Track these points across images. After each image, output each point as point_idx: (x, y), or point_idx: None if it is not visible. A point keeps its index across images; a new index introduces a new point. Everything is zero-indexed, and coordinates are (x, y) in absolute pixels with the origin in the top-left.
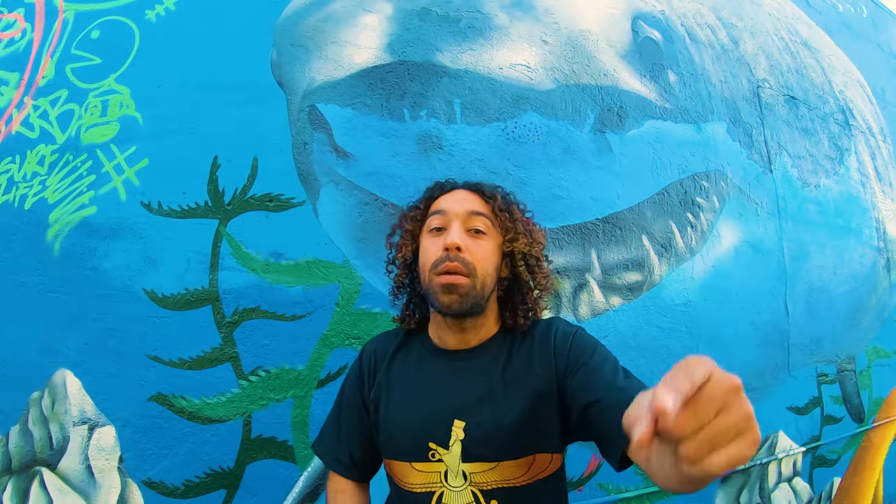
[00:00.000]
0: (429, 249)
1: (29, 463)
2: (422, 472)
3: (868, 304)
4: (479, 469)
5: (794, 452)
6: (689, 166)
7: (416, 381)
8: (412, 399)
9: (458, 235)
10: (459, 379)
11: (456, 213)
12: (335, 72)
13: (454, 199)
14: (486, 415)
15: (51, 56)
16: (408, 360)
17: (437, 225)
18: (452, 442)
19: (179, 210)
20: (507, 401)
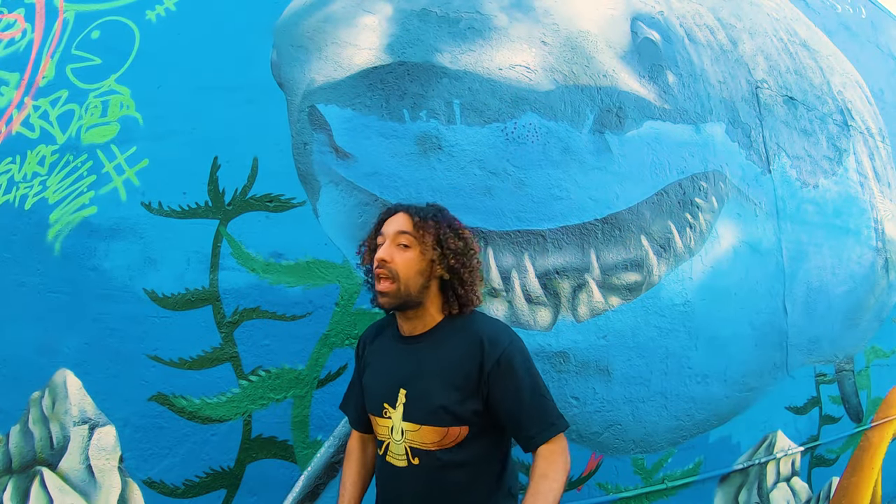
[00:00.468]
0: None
1: (29, 463)
2: (381, 426)
3: (866, 304)
4: (410, 428)
5: (792, 452)
6: (687, 167)
7: (383, 358)
8: (378, 370)
9: (385, 251)
10: (408, 358)
11: (388, 234)
12: (335, 72)
13: (390, 221)
14: (419, 388)
15: (51, 56)
16: (383, 342)
17: (380, 242)
18: (398, 404)
19: (180, 210)
20: (435, 380)
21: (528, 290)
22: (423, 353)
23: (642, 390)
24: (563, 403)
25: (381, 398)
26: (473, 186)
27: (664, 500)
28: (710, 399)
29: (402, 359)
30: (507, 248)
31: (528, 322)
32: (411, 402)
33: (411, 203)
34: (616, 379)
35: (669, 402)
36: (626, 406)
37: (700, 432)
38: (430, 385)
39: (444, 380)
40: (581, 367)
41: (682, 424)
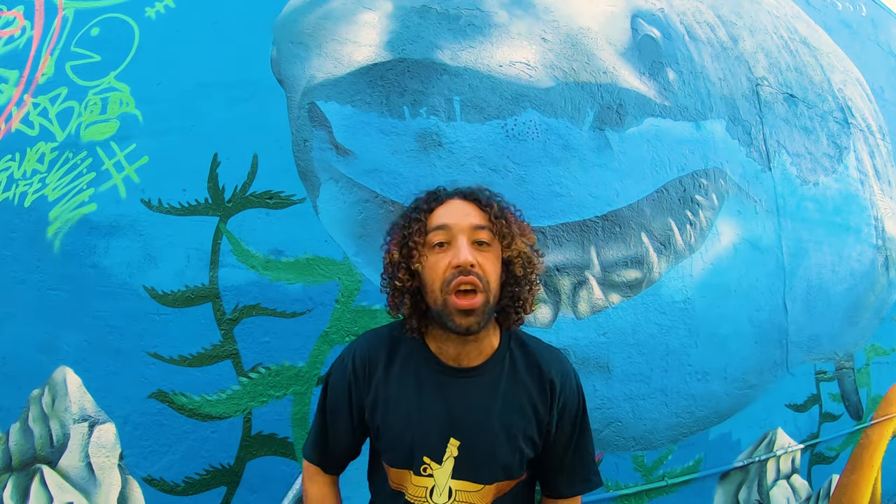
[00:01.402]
0: (436, 267)
1: (29, 460)
2: (414, 485)
3: (866, 301)
4: (467, 489)
5: (792, 450)
6: (688, 164)
7: (416, 393)
8: (413, 411)
9: (470, 252)
10: (459, 396)
11: (461, 228)
12: (335, 69)
13: (455, 211)
14: (480, 437)
15: (50, 53)
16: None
17: (440, 240)
18: (446, 458)
19: (179, 207)
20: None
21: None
22: (480, 392)
23: (642, 387)
24: None
25: (419, 450)
26: (473, 183)
27: (664, 497)
28: (710, 396)
29: (450, 398)
30: None
31: (528, 319)
32: (468, 457)
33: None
34: (616, 376)
35: (670, 399)
36: (627, 403)
37: (700, 429)
38: (496, 435)
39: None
40: (581, 363)
41: (682, 422)
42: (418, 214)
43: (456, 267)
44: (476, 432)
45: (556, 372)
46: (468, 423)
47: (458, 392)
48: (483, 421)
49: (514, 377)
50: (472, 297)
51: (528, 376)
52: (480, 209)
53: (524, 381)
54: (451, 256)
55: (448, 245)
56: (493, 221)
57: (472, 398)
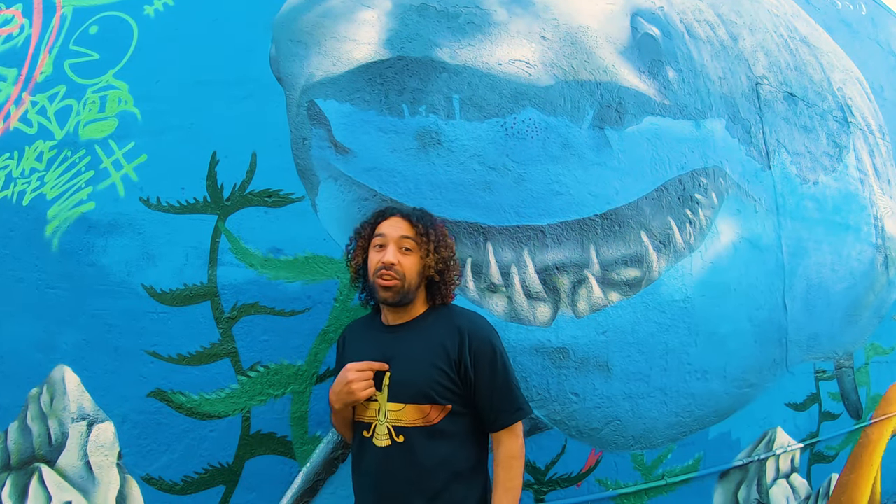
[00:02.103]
0: (372, 260)
1: (28, 459)
2: (368, 408)
3: (866, 301)
4: (395, 408)
5: (791, 449)
6: (687, 163)
7: (366, 346)
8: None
9: (393, 255)
10: (393, 344)
11: (391, 237)
12: (334, 67)
13: (391, 225)
14: (403, 370)
15: (49, 52)
16: (365, 333)
17: (379, 244)
18: (384, 385)
19: (178, 206)
20: (419, 362)
21: (528, 285)
22: (406, 339)
23: (642, 386)
24: (563, 399)
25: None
26: (473, 181)
27: (664, 496)
28: (709, 395)
29: (387, 345)
30: (506, 244)
31: (528, 317)
32: (396, 384)
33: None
34: (616, 375)
35: (669, 398)
36: (626, 402)
37: (700, 428)
38: (414, 367)
39: (427, 362)
40: (581, 362)
41: (681, 420)
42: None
43: (383, 263)
44: (400, 364)
45: (464, 323)
46: (396, 359)
47: (391, 340)
48: (404, 356)
49: (430, 327)
50: (389, 280)
51: (441, 326)
52: (410, 224)
53: (437, 329)
54: (382, 255)
55: (383, 248)
56: (417, 237)
57: (399, 343)
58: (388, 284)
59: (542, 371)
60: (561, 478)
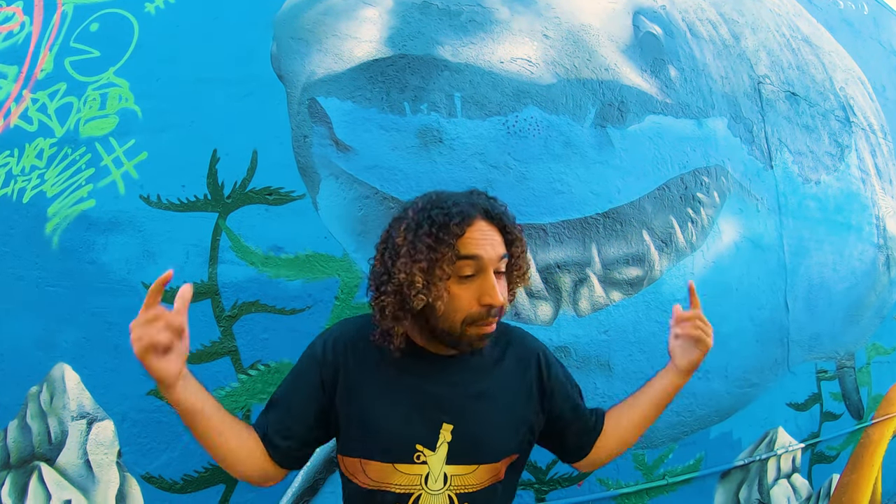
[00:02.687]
0: (463, 299)
1: (27, 458)
2: (404, 474)
3: (867, 301)
4: (461, 472)
5: (793, 449)
6: (689, 162)
7: (398, 380)
8: (397, 399)
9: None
10: (448, 379)
11: (490, 260)
12: (335, 65)
13: (484, 239)
14: (474, 418)
15: (49, 49)
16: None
17: (469, 273)
18: (439, 444)
19: (178, 203)
20: (496, 406)
21: (529, 284)
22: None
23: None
24: None
25: (411, 438)
26: (474, 180)
27: (665, 496)
28: (711, 395)
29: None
30: None
31: (529, 316)
32: (462, 440)
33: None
34: (617, 374)
35: None
36: None
37: (701, 428)
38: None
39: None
40: (582, 361)
41: (683, 420)
42: (450, 239)
43: (486, 305)
44: (466, 409)
45: (534, 346)
46: (460, 405)
47: (445, 376)
48: (476, 402)
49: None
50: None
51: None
52: (503, 235)
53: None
54: (480, 291)
55: (474, 277)
56: (512, 251)
57: (462, 379)
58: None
59: None
60: (562, 477)
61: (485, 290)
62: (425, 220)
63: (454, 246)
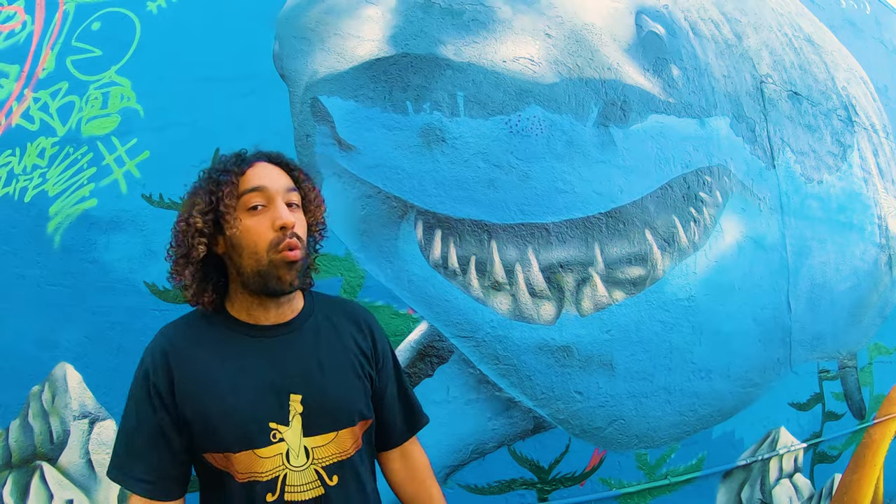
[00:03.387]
0: (257, 229)
1: (29, 457)
2: (267, 458)
3: (870, 300)
4: (321, 442)
5: (795, 448)
6: (692, 161)
7: (236, 364)
8: (238, 383)
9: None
10: (284, 353)
11: (277, 191)
12: (338, 64)
13: (268, 174)
14: (319, 384)
15: (51, 48)
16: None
17: (257, 202)
18: (292, 416)
19: (181, 202)
20: (335, 370)
21: (532, 283)
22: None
23: (646, 385)
24: (567, 398)
25: (263, 418)
26: (477, 179)
27: (667, 495)
28: (713, 394)
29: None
30: (510, 242)
31: (532, 316)
32: (315, 408)
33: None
34: (619, 374)
35: (673, 397)
36: (630, 401)
37: (703, 428)
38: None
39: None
40: (585, 361)
41: (685, 420)
42: (228, 176)
43: (281, 228)
44: (313, 381)
45: (363, 314)
46: (302, 374)
47: (280, 349)
48: (316, 368)
49: (331, 323)
50: (295, 251)
51: (343, 321)
52: (288, 172)
53: (342, 325)
54: (273, 218)
55: (264, 208)
56: (301, 185)
57: (297, 350)
58: (295, 258)
59: (546, 369)
60: (564, 477)
61: (276, 215)
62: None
63: (235, 183)
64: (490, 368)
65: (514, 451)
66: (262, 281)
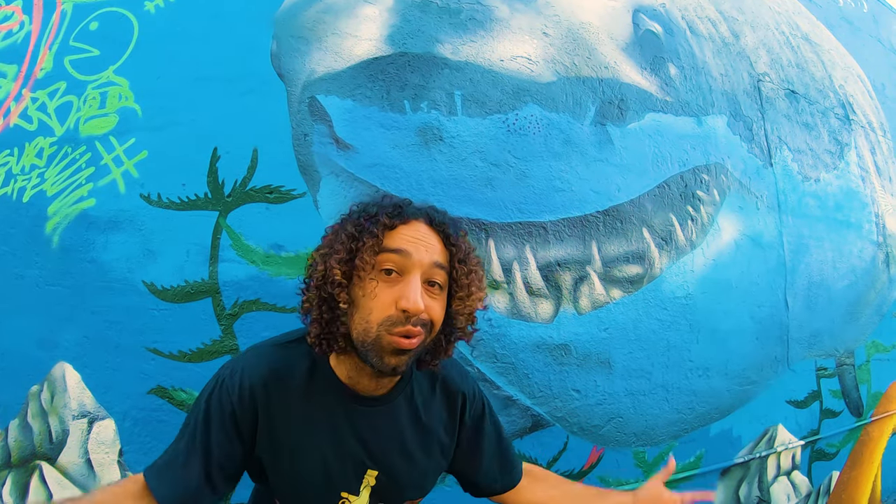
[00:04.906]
0: (380, 299)
1: (28, 457)
2: None
3: (867, 298)
4: None
5: (792, 446)
6: (689, 159)
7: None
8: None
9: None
10: (373, 427)
11: (419, 261)
12: (335, 63)
13: (417, 239)
14: (398, 464)
15: (49, 48)
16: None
17: (391, 267)
18: (363, 487)
19: (179, 202)
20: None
21: (530, 282)
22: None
23: (644, 383)
24: (565, 396)
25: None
26: (475, 178)
27: None
28: (711, 392)
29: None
30: (508, 240)
31: (530, 314)
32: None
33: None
34: (617, 372)
35: (671, 394)
36: (628, 399)
37: (701, 425)
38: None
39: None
40: (582, 359)
41: (683, 417)
42: (375, 228)
43: (403, 311)
44: (392, 461)
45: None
46: (383, 452)
47: (369, 422)
48: (397, 450)
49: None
50: (414, 339)
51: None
52: (445, 245)
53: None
54: (399, 294)
55: (397, 276)
56: (455, 265)
57: (384, 428)
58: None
59: (544, 368)
60: (563, 474)
61: (405, 293)
62: (357, 212)
63: (379, 236)
64: (488, 367)
65: None
66: (364, 353)
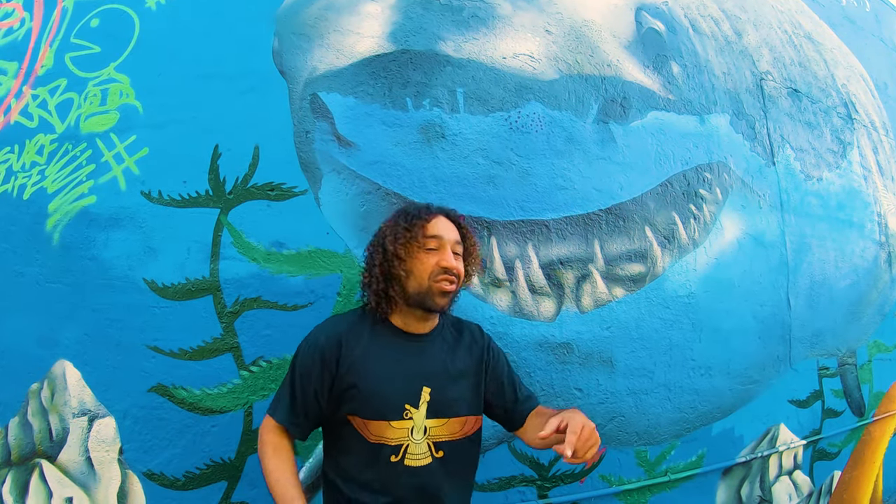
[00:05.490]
0: (426, 262)
1: (28, 455)
2: (397, 429)
3: (869, 298)
4: (436, 424)
5: (794, 445)
6: (692, 158)
7: (392, 358)
8: (391, 372)
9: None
10: (424, 356)
11: (449, 241)
12: (337, 60)
13: (444, 227)
14: (444, 382)
15: (50, 45)
16: (380, 342)
17: (432, 246)
18: (421, 402)
19: (180, 199)
20: (457, 374)
21: (532, 280)
22: (438, 349)
23: (646, 382)
24: (567, 394)
25: (401, 399)
26: (477, 176)
27: (667, 492)
28: (713, 391)
29: (419, 356)
30: (510, 238)
31: (532, 312)
32: (437, 399)
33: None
34: (619, 370)
35: (673, 394)
36: (630, 398)
37: (703, 425)
38: (454, 380)
39: (464, 370)
40: (585, 358)
41: (685, 417)
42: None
43: (444, 267)
44: (440, 379)
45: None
46: (434, 373)
47: (422, 352)
48: (443, 370)
49: (455, 335)
50: (451, 285)
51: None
52: (459, 230)
53: (464, 338)
54: (440, 259)
55: (434, 251)
56: (466, 242)
57: (433, 355)
58: (449, 290)
59: (546, 366)
60: (564, 474)
61: (443, 257)
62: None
63: (424, 226)
64: None
65: (514, 448)
66: (420, 299)
